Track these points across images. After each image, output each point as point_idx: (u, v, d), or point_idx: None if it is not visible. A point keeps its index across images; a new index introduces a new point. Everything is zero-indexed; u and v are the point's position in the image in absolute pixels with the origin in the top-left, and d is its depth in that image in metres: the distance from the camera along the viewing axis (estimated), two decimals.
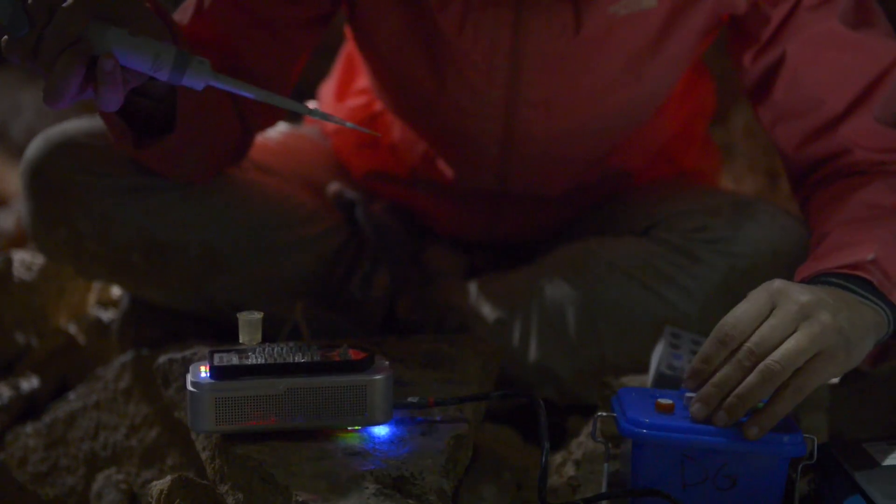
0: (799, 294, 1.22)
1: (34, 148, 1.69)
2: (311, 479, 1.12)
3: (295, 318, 1.66)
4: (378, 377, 1.20)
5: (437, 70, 1.61)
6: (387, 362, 1.23)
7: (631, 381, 1.52)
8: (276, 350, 1.22)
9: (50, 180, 1.68)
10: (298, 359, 1.20)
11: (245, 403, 1.18)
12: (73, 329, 1.92)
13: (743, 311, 1.23)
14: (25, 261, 1.92)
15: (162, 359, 1.45)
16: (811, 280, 1.33)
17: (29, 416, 1.72)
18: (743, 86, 1.61)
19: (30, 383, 1.76)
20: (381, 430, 1.23)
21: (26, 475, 1.58)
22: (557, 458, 1.49)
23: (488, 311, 1.69)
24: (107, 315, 1.92)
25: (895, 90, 1.49)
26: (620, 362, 1.61)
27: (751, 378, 1.17)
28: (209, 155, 1.63)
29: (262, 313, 1.22)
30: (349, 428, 1.22)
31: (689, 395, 1.25)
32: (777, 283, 1.25)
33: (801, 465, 1.23)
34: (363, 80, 1.87)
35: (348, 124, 1.26)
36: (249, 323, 1.22)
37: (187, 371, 1.22)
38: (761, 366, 1.17)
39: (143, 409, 1.64)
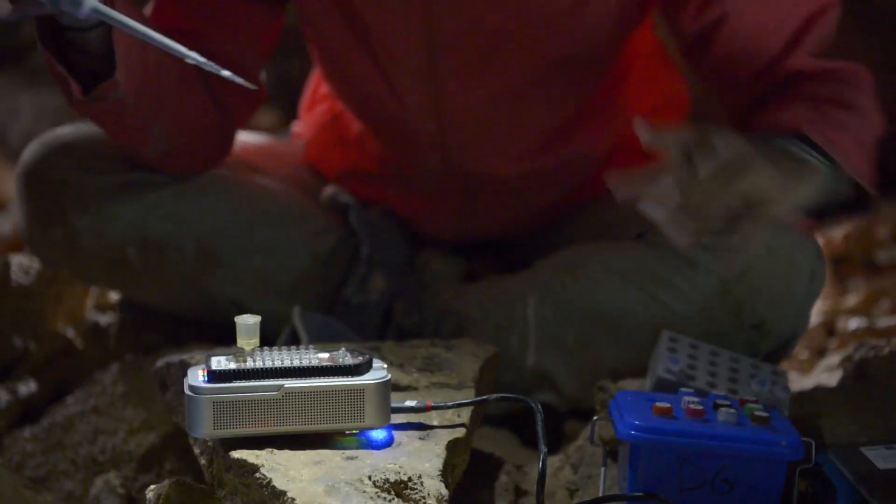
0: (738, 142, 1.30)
1: (29, 152, 1.73)
2: (308, 484, 1.12)
3: (292, 322, 1.66)
4: (376, 381, 1.20)
5: (364, 49, 1.63)
6: (384, 366, 1.23)
7: (629, 384, 1.52)
8: (273, 354, 1.22)
9: (44, 180, 1.70)
10: (296, 362, 1.20)
11: (242, 407, 1.18)
12: (70, 333, 1.92)
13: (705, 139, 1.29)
14: (23, 265, 1.92)
15: (160, 363, 1.45)
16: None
17: (27, 420, 1.72)
18: (678, 47, 1.63)
19: (27, 387, 1.76)
20: (378, 435, 1.22)
21: (24, 479, 1.58)
22: (555, 462, 1.49)
23: (486, 316, 1.69)
24: (104, 319, 1.92)
25: (827, 29, 1.59)
26: (618, 366, 1.61)
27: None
28: (190, 142, 1.65)
29: (259, 317, 1.22)
30: (347, 432, 1.22)
31: (687, 398, 1.25)
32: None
33: (799, 468, 1.23)
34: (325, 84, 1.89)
35: (224, 72, 1.29)
36: (247, 326, 1.22)
37: (185, 375, 1.22)
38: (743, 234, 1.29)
39: (141, 413, 1.64)
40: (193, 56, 1.27)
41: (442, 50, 1.60)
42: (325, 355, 1.22)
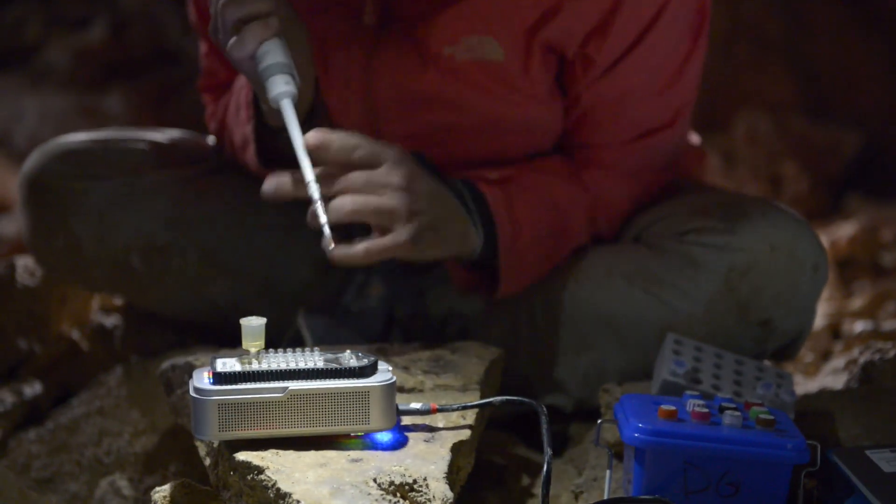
0: (408, 174, 1.43)
1: (30, 161, 1.74)
2: (313, 486, 1.12)
3: (298, 325, 1.66)
4: (381, 383, 1.20)
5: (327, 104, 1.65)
6: (389, 368, 1.23)
7: (634, 387, 1.52)
8: (278, 356, 1.23)
9: (46, 188, 1.71)
10: (301, 365, 1.20)
11: (248, 409, 1.18)
12: (75, 335, 1.92)
13: (372, 146, 1.41)
14: (28, 267, 1.92)
15: (165, 365, 1.45)
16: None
17: (32, 422, 1.72)
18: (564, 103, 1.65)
19: (32, 389, 1.76)
20: (383, 437, 1.23)
21: (29, 481, 1.58)
22: (560, 464, 1.49)
23: (490, 318, 1.69)
24: (109, 321, 1.92)
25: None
26: (624, 368, 1.61)
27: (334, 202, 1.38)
28: None
29: (264, 319, 1.22)
30: (352, 434, 1.22)
31: (692, 401, 1.25)
32: (406, 157, 1.44)
33: (805, 472, 1.23)
34: None
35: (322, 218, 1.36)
36: (252, 329, 1.22)
37: (190, 377, 1.22)
38: (339, 200, 1.39)
39: (147, 415, 1.64)
40: (312, 188, 1.35)
41: (383, 120, 1.62)
42: (331, 357, 1.22)
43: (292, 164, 1.39)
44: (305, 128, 1.50)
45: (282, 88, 1.37)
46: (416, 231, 1.43)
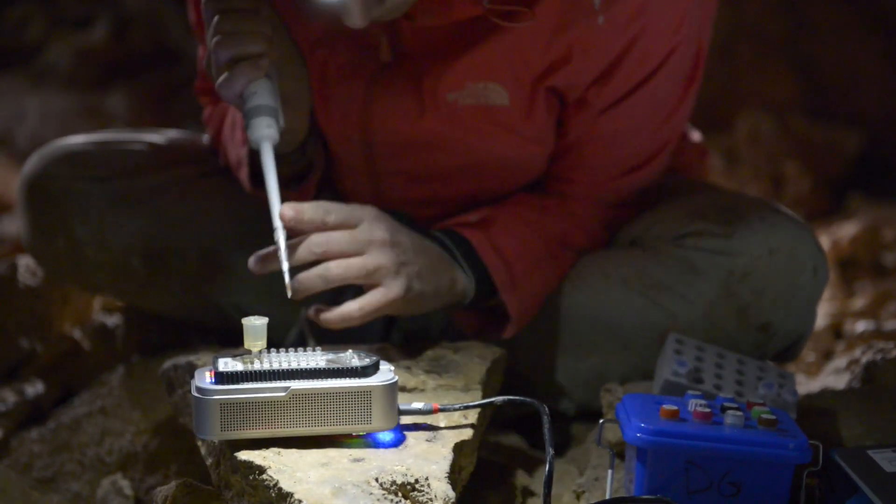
0: (388, 229, 1.45)
1: (29, 164, 1.75)
2: (315, 485, 1.12)
3: (300, 324, 1.66)
4: (383, 383, 1.20)
5: (326, 135, 1.65)
6: (391, 368, 1.23)
7: (636, 387, 1.52)
8: (280, 356, 1.23)
9: (46, 190, 1.71)
10: (303, 364, 1.20)
11: (250, 409, 1.18)
12: (77, 335, 1.92)
13: (343, 209, 1.43)
14: (30, 266, 1.92)
15: (166, 364, 1.45)
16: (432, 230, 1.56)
17: (34, 421, 1.72)
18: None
19: (35, 389, 1.76)
20: (385, 436, 1.23)
21: (31, 481, 1.58)
22: (562, 464, 1.49)
23: None
24: (111, 321, 1.92)
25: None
26: (625, 371, 1.61)
27: (311, 272, 1.41)
28: None
29: (266, 319, 1.22)
30: (354, 434, 1.22)
31: (694, 401, 1.25)
32: (382, 214, 1.46)
33: (807, 471, 1.23)
34: None
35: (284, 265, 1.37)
36: (254, 328, 1.22)
37: (192, 377, 1.22)
38: (323, 266, 1.41)
39: (148, 414, 1.64)
40: (277, 229, 1.37)
41: (379, 157, 1.62)
42: (332, 357, 1.22)
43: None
44: (297, 156, 1.55)
45: (263, 132, 1.38)
46: (406, 283, 1.44)
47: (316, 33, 1.56)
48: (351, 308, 1.43)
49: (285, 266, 1.35)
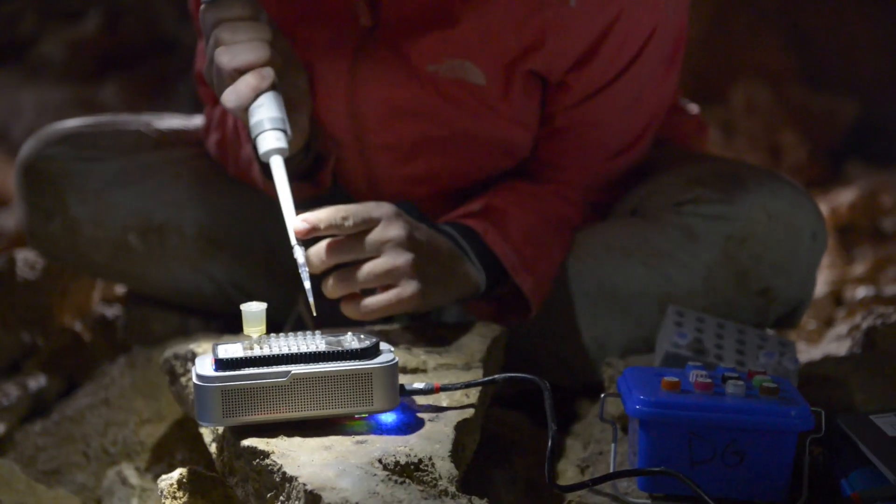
0: (403, 228, 1.42)
1: (26, 147, 1.77)
2: (319, 469, 1.12)
3: (298, 309, 1.66)
4: (383, 364, 1.20)
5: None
6: (392, 349, 1.23)
7: (637, 360, 1.52)
8: (280, 340, 1.23)
9: (42, 173, 1.72)
10: (303, 348, 1.20)
11: (251, 395, 1.18)
12: (78, 327, 1.92)
13: (360, 211, 1.40)
14: (29, 260, 1.93)
15: (167, 353, 1.45)
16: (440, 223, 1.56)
17: (37, 414, 1.72)
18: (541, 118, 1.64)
19: (37, 382, 1.77)
20: (388, 417, 1.23)
21: (37, 473, 1.59)
22: (566, 439, 1.49)
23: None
24: (111, 312, 1.92)
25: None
26: (626, 342, 1.61)
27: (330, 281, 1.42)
28: None
29: (264, 304, 1.22)
30: (356, 416, 1.22)
31: (695, 372, 1.25)
32: (398, 211, 1.43)
33: (810, 438, 1.23)
34: None
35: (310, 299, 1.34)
36: (253, 314, 1.22)
37: (193, 364, 1.22)
38: (341, 273, 1.41)
39: (151, 404, 1.65)
40: (295, 247, 1.34)
41: (365, 130, 1.62)
42: (332, 340, 1.22)
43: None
44: (302, 155, 1.53)
45: (272, 145, 1.35)
46: (422, 283, 1.43)
47: (296, 13, 1.55)
48: (371, 307, 1.43)
49: (307, 285, 1.32)
